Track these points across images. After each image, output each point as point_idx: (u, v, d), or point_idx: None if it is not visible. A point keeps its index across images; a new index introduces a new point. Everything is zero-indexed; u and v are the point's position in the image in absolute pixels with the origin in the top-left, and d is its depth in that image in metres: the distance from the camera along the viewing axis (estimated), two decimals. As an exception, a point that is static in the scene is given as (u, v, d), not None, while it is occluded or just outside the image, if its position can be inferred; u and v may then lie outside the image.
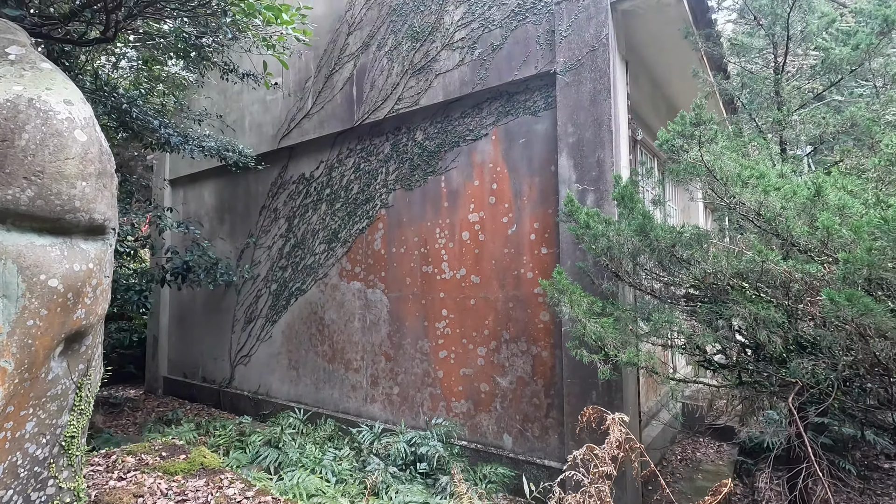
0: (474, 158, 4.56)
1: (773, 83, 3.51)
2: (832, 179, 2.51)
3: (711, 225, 7.82)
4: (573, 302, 2.72)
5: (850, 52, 3.31)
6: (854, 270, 2.05)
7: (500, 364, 4.31)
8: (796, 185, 2.43)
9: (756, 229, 2.55)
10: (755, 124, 3.60)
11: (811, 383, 2.46)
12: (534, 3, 4.12)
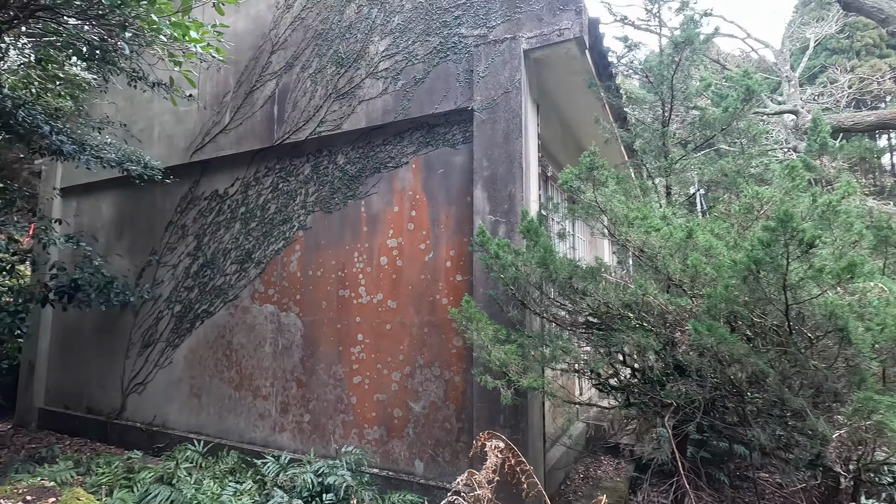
0: (395, 185, 4.64)
1: (660, 134, 3.96)
2: (703, 223, 2.88)
3: (615, 258, 8.49)
4: (479, 329, 2.85)
5: (722, 113, 3.84)
6: (715, 304, 2.36)
7: (413, 389, 4.34)
8: (673, 227, 2.76)
9: (642, 264, 2.86)
10: (646, 170, 4.04)
11: (684, 403, 2.75)
12: (455, 43, 4.35)
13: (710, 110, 3.88)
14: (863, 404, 1.84)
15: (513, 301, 3.42)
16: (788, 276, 2.04)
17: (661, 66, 3.78)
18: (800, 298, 2.09)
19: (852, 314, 2.10)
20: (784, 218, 1.97)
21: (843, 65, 24.34)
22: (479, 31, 4.24)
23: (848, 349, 2.02)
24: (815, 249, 1.98)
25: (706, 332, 2.13)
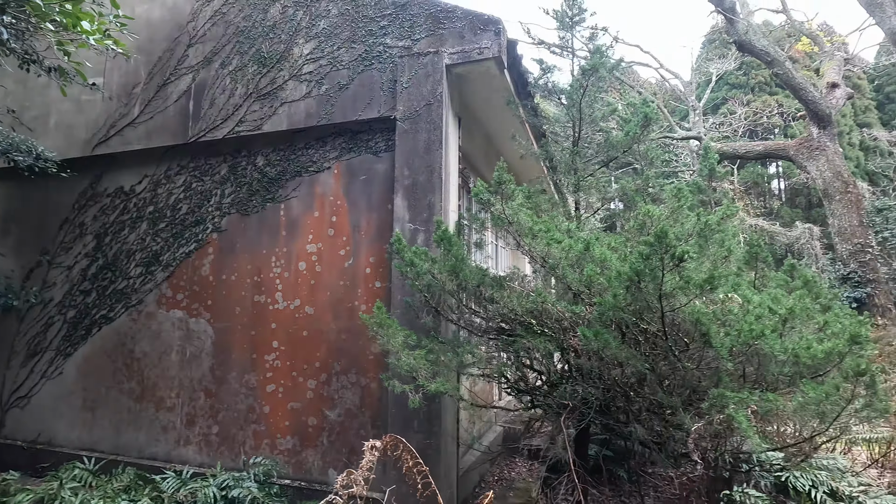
0: (316, 190, 4.59)
1: (570, 153, 4.25)
2: (601, 237, 3.13)
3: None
4: (390, 335, 2.89)
5: (624, 136, 4.19)
6: (605, 311, 2.57)
7: (329, 397, 4.28)
8: (573, 240, 2.98)
9: (546, 274, 3.05)
10: (558, 186, 4.30)
11: (580, 405, 2.96)
12: (380, 52, 4.40)
13: (615, 133, 4.22)
14: (717, 400, 2.10)
15: (427, 308, 3.50)
16: (663, 286, 2.28)
17: (571, 90, 4.06)
18: (673, 306, 2.34)
19: (715, 321, 2.38)
20: (660, 235, 2.21)
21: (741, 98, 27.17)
22: (403, 43, 4.32)
23: (710, 352, 2.28)
24: (684, 263, 2.23)
25: (593, 338, 2.32)
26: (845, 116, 26.57)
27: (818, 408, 2.09)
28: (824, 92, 13.12)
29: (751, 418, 2.11)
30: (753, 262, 4.00)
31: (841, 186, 12.00)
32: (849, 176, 12.20)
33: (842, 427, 2.31)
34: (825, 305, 3.16)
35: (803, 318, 2.89)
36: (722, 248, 3.15)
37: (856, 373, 2.03)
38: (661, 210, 3.46)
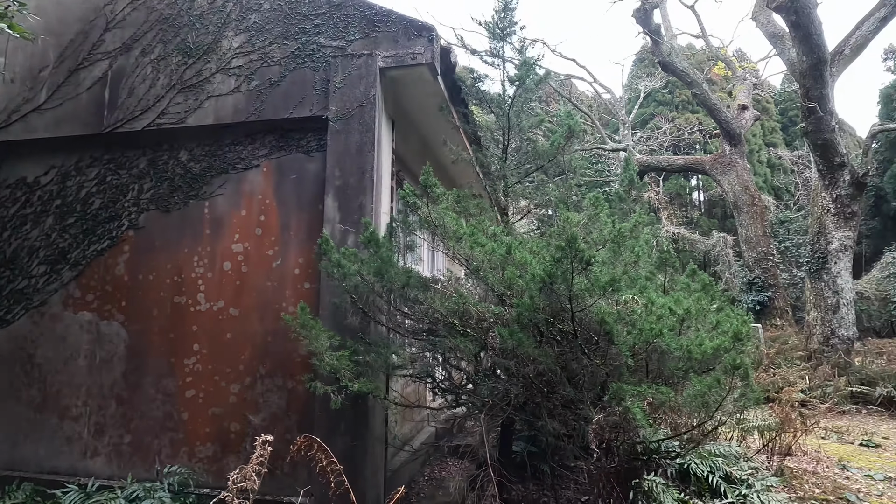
0: (243, 188, 4.45)
1: (500, 160, 4.41)
2: (523, 241, 3.28)
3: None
4: (313, 336, 2.88)
5: (549, 146, 4.40)
6: (522, 312, 2.71)
7: (254, 401, 4.16)
8: (497, 244, 3.10)
9: (469, 276, 3.15)
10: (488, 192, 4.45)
11: (500, 402, 3.09)
12: (313, 51, 4.35)
13: (541, 142, 4.43)
14: (616, 393, 2.27)
15: (354, 309, 3.50)
16: (573, 288, 2.44)
17: (499, 99, 4.22)
18: (582, 307, 2.50)
19: (619, 321, 2.57)
20: (570, 240, 2.36)
21: (666, 115, 29.10)
22: (337, 43, 4.30)
23: (613, 348, 2.47)
24: (592, 267, 2.40)
25: (508, 337, 2.44)
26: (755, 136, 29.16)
27: (703, 398, 2.32)
28: (735, 113, 14.39)
29: (646, 409, 2.31)
30: (664, 266, 4.34)
31: (748, 199, 13.20)
32: (755, 190, 13.45)
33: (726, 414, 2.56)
34: (719, 307, 3.49)
35: (699, 317, 3.18)
36: (632, 253, 3.40)
37: (733, 366, 2.28)
38: (580, 217, 3.68)
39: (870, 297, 19.04)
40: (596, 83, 18.32)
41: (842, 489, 4.70)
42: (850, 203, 9.34)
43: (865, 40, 10.21)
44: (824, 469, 5.35)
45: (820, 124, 9.09)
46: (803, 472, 5.15)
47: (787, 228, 23.64)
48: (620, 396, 2.24)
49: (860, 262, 22.97)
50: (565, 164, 4.54)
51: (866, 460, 5.73)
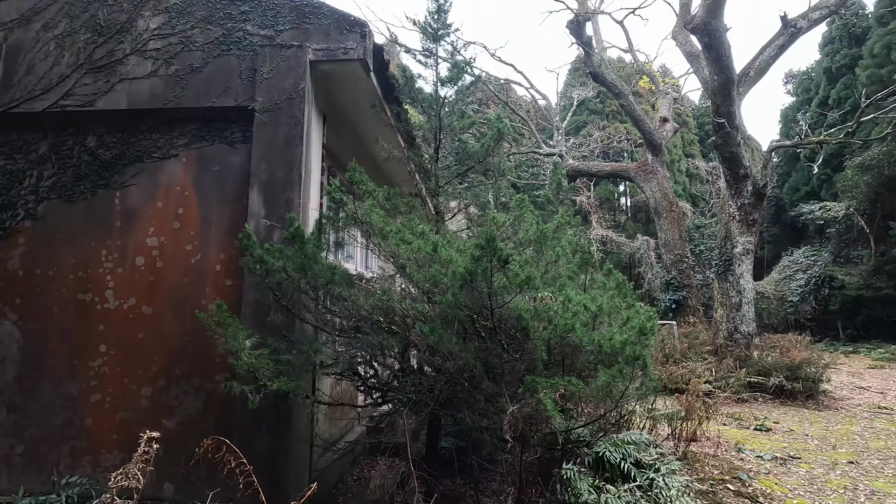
0: (160, 178, 4.20)
1: (431, 160, 4.46)
2: (451, 240, 3.34)
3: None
4: (231, 335, 2.78)
5: (480, 148, 4.51)
6: (445, 309, 2.76)
7: (168, 404, 3.93)
8: (424, 242, 3.14)
9: (396, 273, 3.17)
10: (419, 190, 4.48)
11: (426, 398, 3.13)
12: (239, 38, 4.19)
13: (471, 144, 4.53)
14: (530, 385, 2.39)
15: (277, 307, 3.41)
16: (492, 285, 2.53)
17: (431, 100, 4.27)
18: (501, 303, 2.60)
19: (536, 317, 2.70)
20: (489, 239, 2.44)
21: (598, 123, 30.60)
22: (265, 32, 4.16)
23: (529, 343, 2.58)
24: (509, 265, 2.50)
25: (429, 333, 2.49)
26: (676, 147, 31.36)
27: (608, 388, 2.49)
28: (657, 125, 15.43)
29: (558, 401, 2.44)
30: (585, 266, 4.58)
31: (667, 206, 14.20)
32: (673, 197, 14.49)
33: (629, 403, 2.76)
34: (629, 304, 3.74)
35: (613, 314, 3.40)
36: (553, 253, 3.57)
37: (634, 358, 2.46)
38: (505, 217, 3.81)
39: (769, 297, 21.10)
40: (532, 89, 18.96)
41: (736, 469, 5.19)
42: (752, 211, 10.31)
43: (767, 64, 11.30)
44: (723, 452, 5.88)
45: (728, 139, 9.95)
46: (705, 455, 5.63)
47: (701, 233, 25.64)
48: (534, 389, 2.36)
49: (762, 265, 25.42)
50: (495, 165, 4.67)
51: (759, 443, 6.37)
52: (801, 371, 9.22)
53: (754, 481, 4.86)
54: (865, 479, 5.02)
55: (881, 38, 18.54)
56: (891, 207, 17.87)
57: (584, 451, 4.54)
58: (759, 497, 4.45)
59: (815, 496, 4.56)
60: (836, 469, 5.33)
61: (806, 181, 23.09)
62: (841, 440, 6.52)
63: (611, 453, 4.36)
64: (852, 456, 5.80)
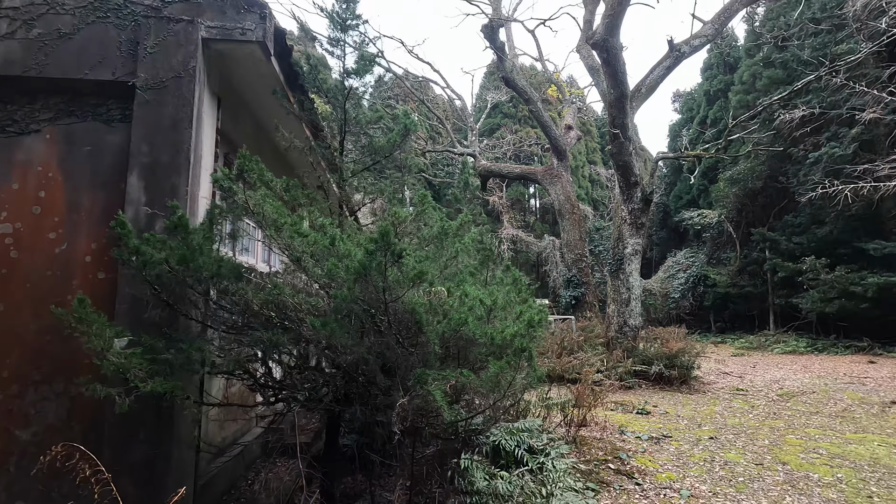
0: (16, 156, 3.67)
1: (335, 152, 4.36)
2: (351, 233, 3.29)
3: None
4: (94, 333, 2.51)
5: (386, 143, 4.49)
6: (340, 304, 2.72)
7: (22, 413, 3.46)
8: (321, 235, 3.07)
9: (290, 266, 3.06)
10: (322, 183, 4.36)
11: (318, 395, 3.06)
12: (119, 6, 3.78)
13: (378, 138, 4.50)
14: (420, 378, 2.43)
15: (157, 302, 3.14)
16: (387, 279, 2.54)
17: (336, 91, 4.18)
18: (395, 297, 2.61)
19: (430, 311, 2.75)
20: (383, 233, 2.45)
21: (511, 127, 31.78)
22: (150, 2, 3.80)
23: (422, 337, 2.63)
24: (403, 259, 2.52)
25: (320, 328, 2.44)
26: (580, 154, 33.53)
27: (497, 379, 2.61)
28: (563, 131, 16.39)
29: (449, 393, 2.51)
30: (486, 262, 4.74)
31: (570, 208, 15.15)
32: (575, 200, 15.48)
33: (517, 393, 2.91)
34: (524, 299, 3.94)
35: (508, 308, 3.56)
36: (453, 249, 3.65)
37: (520, 350, 2.61)
38: (407, 212, 3.83)
39: (655, 294, 23.35)
40: (448, 89, 19.24)
41: (618, 450, 5.69)
42: (640, 215, 11.33)
43: (656, 83, 12.47)
44: (608, 435, 6.42)
45: (622, 148, 10.84)
46: (593, 438, 6.10)
47: (601, 235, 27.71)
48: (424, 381, 2.40)
49: (651, 265, 28.08)
50: (401, 161, 4.68)
51: (639, 425, 7.03)
52: (677, 360, 10.32)
53: (632, 459, 5.36)
54: (721, 451, 5.75)
55: (748, 67, 21.23)
56: (753, 216, 20.57)
57: (482, 440, 4.72)
58: (634, 473, 4.92)
59: (681, 469, 5.14)
60: (699, 444, 6.05)
61: (688, 190, 25.83)
62: (705, 419, 7.40)
63: (506, 441, 4.58)
64: (713, 432, 6.61)
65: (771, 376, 11.56)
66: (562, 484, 3.79)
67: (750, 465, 5.26)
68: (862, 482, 4.69)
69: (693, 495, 4.39)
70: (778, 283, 18.91)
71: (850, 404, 8.35)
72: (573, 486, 3.96)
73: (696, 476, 4.91)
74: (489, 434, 4.67)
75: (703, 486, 4.64)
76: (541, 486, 3.73)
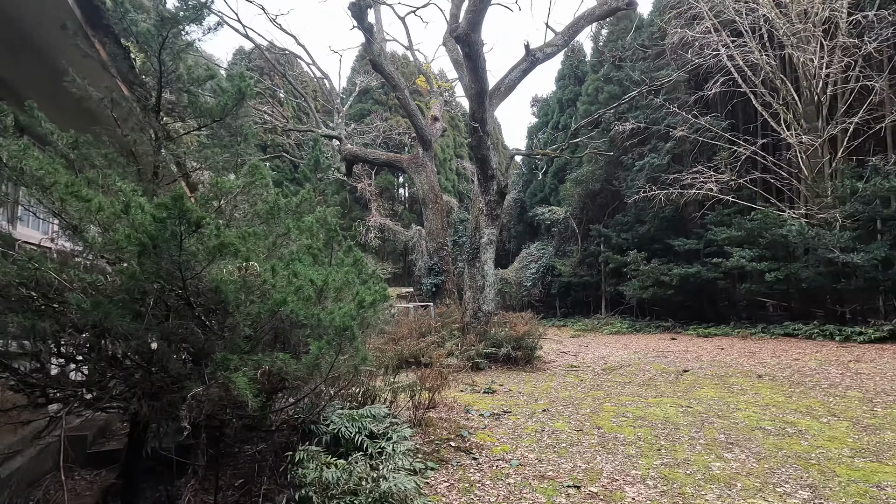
0: None
1: (151, 111, 3.73)
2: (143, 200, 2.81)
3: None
4: None
5: (215, 105, 3.98)
6: (128, 281, 2.28)
7: None
8: (105, 200, 2.56)
9: (65, 235, 2.50)
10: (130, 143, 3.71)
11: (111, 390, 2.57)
12: None
13: (203, 99, 3.96)
14: (222, 363, 2.15)
15: None
16: (183, 251, 2.19)
17: (150, 36, 3.57)
18: (195, 273, 2.27)
19: (243, 289, 2.45)
20: (176, 198, 2.09)
21: (381, 114, 31.43)
22: None
23: (231, 318, 2.33)
24: (203, 230, 2.20)
25: (91, 309, 2.01)
26: (448, 147, 34.54)
27: (316, 362, 2.43)
28: (429, 122, 16.64)
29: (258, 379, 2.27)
30: (330, 243, 4.50)
31: (433, 198, 15.46)
32: (439, 190, 15.84)
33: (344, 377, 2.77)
34: (364, 280, 3.82)
35: (345, 289, 3.39)
36: (283, 225, 3.36)
37: (342, 329, 2.46)
38: (232, 183, 3.43)
39: (511, 282, 25.15)
40: (314, 66, 18.18)
41: (461, 428, 5.92)
42: (496, 207, 11.98)
43: (514, 83, 13.26)
44: (455, 414, 6.66)
45: (480, 142, 11.31)
46: (440, 419, 6.26)
47: (464, 226, 28.92)
48: (226, 367, 2.13)
49: (509, 256, 30.22)
50: (236, 129, 4.20)
51: (484, 403, 7.42)
52: (523, 342, 11.18)
53: (472, 436, 5.61)
54: (551, 422, 6.33)
55: (593, 82, 23.81)
56: (592, 214, 23.25)
57: (322, 429, 4.51)
58: (473, 449, 5.14)
59: (515, 441, 5.52)
60: (533, 417, 6.58)
61: (541, 188, 28.24)
62: (542, 394, 8.11)
63: (346, 429, 4.43)
64: (546, 405, 7.26)
65: (599, 354, 13.18)
66: (393, 465, 3.77)
67: (573, 431, 5.86)
68: (655, 438, 5.52)
69: (521, 463, 4.73)
70: (609, 273, 21.68)
71: (654, 374, 9.86)
72: (407, 467, 3.97)
73: (526, 446, 5.31)
74: (329, 422, 4.47)
75: (532, 454, 5.03)
76: (373, 470, 3.65)
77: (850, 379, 8.80)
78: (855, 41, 14.50)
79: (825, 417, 6.28)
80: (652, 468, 4.58)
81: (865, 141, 15.62)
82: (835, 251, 13.14)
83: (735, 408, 6.88)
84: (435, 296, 15.00)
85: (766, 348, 12.95)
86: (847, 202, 13.85)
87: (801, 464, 4.64)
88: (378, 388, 5.52)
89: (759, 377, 9.22)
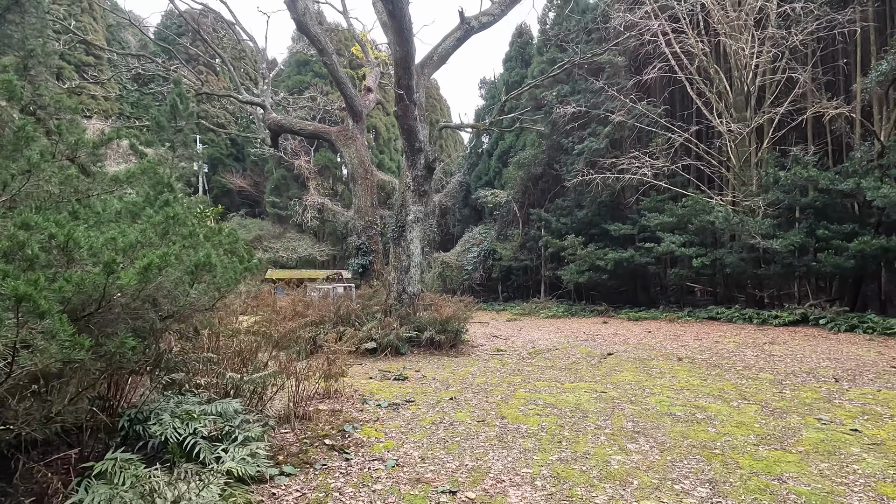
0: None
1: None
2: None
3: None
4: None
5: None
6: None
7: None
8: None
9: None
10: None
11: None
12: None
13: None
14: None
15: None
16: None
17: None
18: None
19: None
20: None
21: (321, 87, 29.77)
22: None
23: None
24: None
25: None
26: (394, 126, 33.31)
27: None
28: (362, 93, 15.57)
29: None
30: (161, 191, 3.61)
31: (363, 173, 14.50)
32: (369, 165, 14.90)
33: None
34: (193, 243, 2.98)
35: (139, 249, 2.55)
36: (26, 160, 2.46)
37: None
38: None
39: (452, 266, 24.61)
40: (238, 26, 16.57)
41: (349, 421, 5.20)
42: (423, 183, 11.23)
43: (448, 52, 12.47)
44: (350, 406, 5.94)
45: (407, 111, 10.48)
46: (329, 412, 5.52)
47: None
48: None
49: (454, 240, 29.65)
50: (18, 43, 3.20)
51: (389, 392, 6.75)
52: (448, 325, 10.60)
53: (357, 431, 4.91)
54: (454, 411, 5.74)
55: (539, 64, 23.39)
56: (534, 198, 23.00)
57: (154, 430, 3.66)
58: (349, 447, 4.45)
59: (405, 435, 4.87)
60: (436, 406, 5.97)
61: (486, 171, 27.76)
62: (456, 381, 7.53)
63: (175, 432, 3.60)
64: (456, 393, 6.68)
65: (530, 337, 12.85)
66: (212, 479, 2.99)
67: (473, 423, 5.29)
68: (559, 428, 5.04)
69: (399, 464, 4.08)
70: (548, 257, 21.57)
71: (578, 358, 9.56)
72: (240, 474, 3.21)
73: (415, 441, 4.68)
74: (157, 423, 3.62)
75: (417, 451, 4.39)
76: (169, 487, 2.86)
77: (763, 361, 8.82)
78: (783, 33, 14.74)
79: (736, 401, 6.06)
80: (546, 465, 4.06)
81: (789, 132, 16.07)
82: (756, 237, 13.39)
83: (650, 392, 6.58)
84: (362, 276, 14.16)
85: (689, 331, 13.08)
86: (770, 190, 14.16)
87: (704, 454, 4.28)
88: (244, 381, 4.69)
89: (679, 360, 9.10)
